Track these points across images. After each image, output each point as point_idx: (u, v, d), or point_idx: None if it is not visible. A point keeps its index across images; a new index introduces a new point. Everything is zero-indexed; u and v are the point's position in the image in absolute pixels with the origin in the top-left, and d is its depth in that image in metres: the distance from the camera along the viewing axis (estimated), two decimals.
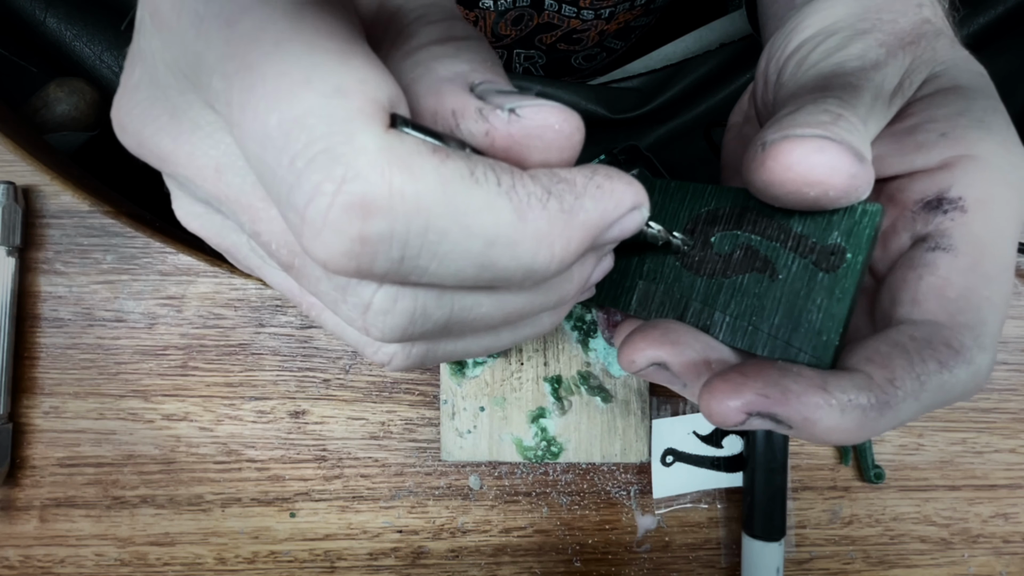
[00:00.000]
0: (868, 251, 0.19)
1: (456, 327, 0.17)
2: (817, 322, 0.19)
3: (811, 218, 0.20)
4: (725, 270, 0.21)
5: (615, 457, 0.32)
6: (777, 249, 0.20)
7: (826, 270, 0.19)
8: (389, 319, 0.16)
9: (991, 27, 0.47)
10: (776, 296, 0.20)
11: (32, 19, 0.47)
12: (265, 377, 0.34)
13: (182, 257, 0.34)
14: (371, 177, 0.13)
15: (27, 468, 0.34)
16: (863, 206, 0.19)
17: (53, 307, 0.34)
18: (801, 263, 0.20)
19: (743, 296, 0.21)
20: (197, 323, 0.34)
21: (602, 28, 0.49)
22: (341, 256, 0.14)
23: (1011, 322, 0.37)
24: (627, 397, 0.31)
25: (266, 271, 0.19)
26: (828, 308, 0.19)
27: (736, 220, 0.21)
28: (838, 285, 0.19)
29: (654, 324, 0.22)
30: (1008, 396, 0.37)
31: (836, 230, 0.19)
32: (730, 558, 0.36)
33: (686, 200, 0.23)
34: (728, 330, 0.21)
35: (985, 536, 0.37)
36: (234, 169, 0.16)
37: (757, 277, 0.21)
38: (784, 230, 0.20)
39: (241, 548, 0.35)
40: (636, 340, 0.21)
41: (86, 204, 0.34)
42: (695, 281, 0.22)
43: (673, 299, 0.22)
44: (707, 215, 0.22)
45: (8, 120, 0.35)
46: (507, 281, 0.15)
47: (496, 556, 0.35)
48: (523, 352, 0.31)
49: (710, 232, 0.22)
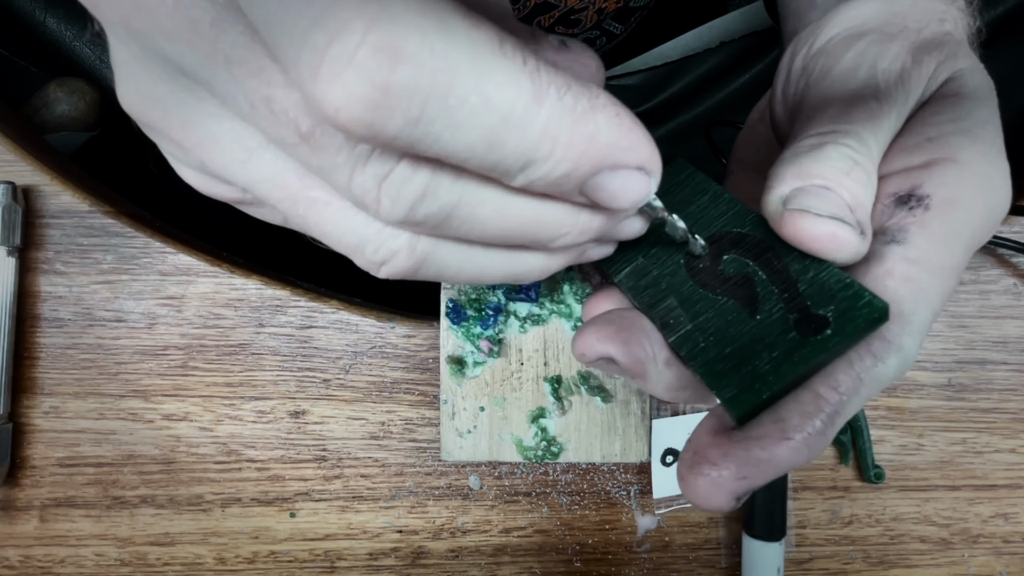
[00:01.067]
0: (849, 339, 0.19)
1: (458, 223, 0.17)
2: (759, 370, 0.19)
3: (820, 284, 0.20)
4: (716, 287, 0.22)
5: (615, 457, 0.32)
6: (772, 293, 0.20)
7: (801, 332, 0.19)
8: (406, 188, 0.16)
9: (991, 27, 0.47)
10: (742, 331, 0.20)
11: (32, 19, 0.47)
12: (265, 377, 0.34)
13: (182, 257, 0.34)
14: (407, 20, 0.12)
15: (27, 468, 0.34)
16: (872, 298, 0.19)
17: (53, 307, 0.34)
18: (782, 315, 0.20)
19: (716, 316, 0.21)
20: (197, 323, 0.34)
21: (600, 6, 0.49)
22: (359, 105, 0.13)
23: (1011, 322, 0.37)
24: (627, 397, 0.31)
25: (253, 165, 0.17)
26: (777, 366, 0.19)
27: (755, 252, 0.22)
28: (800, 351, 0.19)
29: (609, 319, 0.22)
30: (1008, 396, 0.37)
31: (833, 304, 0.19)
32: (730, 558, 0.36)
33: (727, 215, 0.23)
34: (683, 336, 0.21)
35: (985, 536, 0.37)
36: (230, 21, 0.15)
37: (737, 307, 0.21)
38: (789, 282, 0.20)
39: (241, 548, 0.35)
40: (589, 334, 0.22)
41: (86, 204, 0.34)
42: (686, 282, 0.22)
43: (658, 288, 0.23)
44: (735, 236, 0.22)
45: (8, 120, 0.35)
46: (507, 171, 0.15)
47: (496, 556, 0.35)
48: (523, 352, 0.31)
49: (727, 251, 0.22)
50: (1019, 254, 0.36)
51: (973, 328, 0.37)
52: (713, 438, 0.19)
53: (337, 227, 0.18)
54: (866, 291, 0.19)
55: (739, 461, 0.18)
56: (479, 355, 0.31)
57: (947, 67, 0.24)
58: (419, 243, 0.18)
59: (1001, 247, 0.36)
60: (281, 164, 0.17)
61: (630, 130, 0.16)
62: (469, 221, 0.17)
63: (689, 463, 0.19)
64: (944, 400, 0.36)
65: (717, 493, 0.18)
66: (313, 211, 0.18)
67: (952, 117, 0.23)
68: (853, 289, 0.19)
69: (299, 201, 0.17)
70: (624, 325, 0.22)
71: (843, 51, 0.24)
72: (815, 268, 0.20)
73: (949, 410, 0.37)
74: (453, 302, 0.30)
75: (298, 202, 0.17)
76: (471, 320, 0.30)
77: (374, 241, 0.18)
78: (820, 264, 0.20)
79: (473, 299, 0.31)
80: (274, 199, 0.18)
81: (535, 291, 0.31)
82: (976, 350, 0.37)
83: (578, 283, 0.31)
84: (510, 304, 0.31)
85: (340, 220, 0.17)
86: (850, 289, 0.19)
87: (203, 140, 0.17)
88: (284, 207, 0.18)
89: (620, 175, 0.17)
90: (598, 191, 0.17)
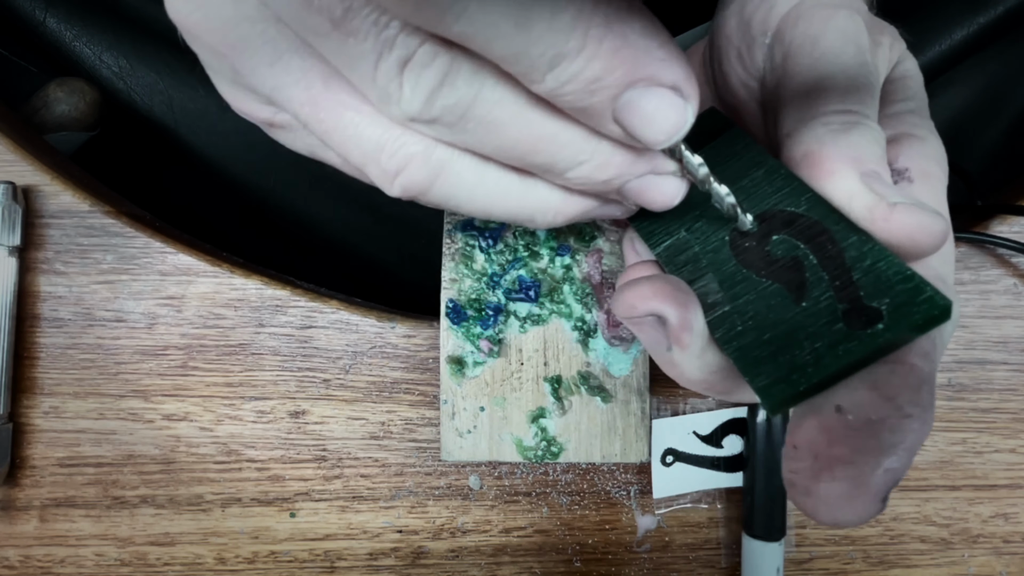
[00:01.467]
0: (902, 336, 0.17)
1: (474, 125, 0.17)
2: (798, 360, 0.18)
3: (877, 273, 0.18)
4: (761, 269, 0.20)
5: (615, 457, 0.32)
6: (822, 280, 0.19)
7: (849, 324, 0.18)
8: (427, 73, 0.16)
9: (991, 27, 0.47)
10: (784, 317, 0.19)
11: (32, 19, 0.47)
12: (265, 377, 0.34)
13: (182, 257, 0.34)
14: None
15: (27, 468, 0.34)
16: (934, 294, 0.17)
17: (53, 307, 0.34)
18: (831, 303, 0.18)
19: (757, 299, 0.19)
20: (197, 323, 0.34)
21: None
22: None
23: (1011, 322, 0.37)
24: (627, 397, 0.31)
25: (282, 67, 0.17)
26: (819, 358, 0.17)
27: (808, 235, 0.20)
28: (846, 344, 0.17)
29: (665, 278, 0.21)
30: (1008, 396, 0.37)
31: (889, 297, 0.17)
32: (730, 558, 0.36)
33: (782, 192, 0.21)
34: (719, 317, 0.20)
35: (985, 536, 0.37)
36: None
37: (782, 292, 0.19)
38: (842, 269, 0.19)
39: (241, 548, 0.35)
40: (644, 287, 0.20)
41: (86, 204, 0.34)
42: (729, 261, 0.21)
43: (698, 264, 0.21)
44: (788, 215, 0.20)
45: (8, 120, 0.35)
46: (533, 65, 0.15)
47: (496, 556, 0.35)
48: (523, 352, 0.31)
49: (778, 230, 0.20)
50: (1019, 254, 0.36)
51: (973, 328, 0.37)
52: (830, 435, 0.17)
53: (356, 131, 0.18)
54: (928, 286, 0.17)
55: (875, 451, 0.16)
56: (479, 355, 0.31)
57: (895, 49, 0.25)
58: (435, 151, 0.18)
59: (1001, 247, 0.36)
60: (308, 66, 0.17)
61: (665, 42, 0.15)
62: (486, 124, 0.17)
63: (812, 472, 0.16)
64: (944, 400, 0.36)
65: (863, 496, 0.16)
66: (333, 115, 0.18)
67: (904, 96, 0.23)
68: (914, 282, 0.17)
69: (321, 104, 0.18)
70: (681, 287, 0.21)
71: (824, 20, 0.23)
72: (873, 256, 0.18)
73: (949, 410, 0.37)
74: (453, 302, 0.30)
75: (320, 105, 0.18)
76: (471, 320, 0.30)
77: (391, 146, 0.18)
78: (880, 252, 0.18)
79: (473, 299, 0.31)
80: (296, 104, 0.18)
81: (535, 291, 0.31)
82: (976, 350, 0.37)
83: (578, 283, 0.31)
84: (510, 304, 0.31)
85: (359, 124, 0.18)
86: (910, 282, 0.17)
87: (236, 43, 0.17)
88: (306, 112, 0.18)
89: (655, 94, 0.16)
90: (629, 112, 0.16)
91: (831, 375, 0.17)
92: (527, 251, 0.31)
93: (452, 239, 0.31)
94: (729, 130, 0.24)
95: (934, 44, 0.46)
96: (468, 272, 0.31)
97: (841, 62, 0.23)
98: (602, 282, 0.31)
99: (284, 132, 0.21)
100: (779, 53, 0.24)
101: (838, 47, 0.23)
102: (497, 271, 0.31)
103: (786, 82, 0.24)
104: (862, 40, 0.23)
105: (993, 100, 0.47)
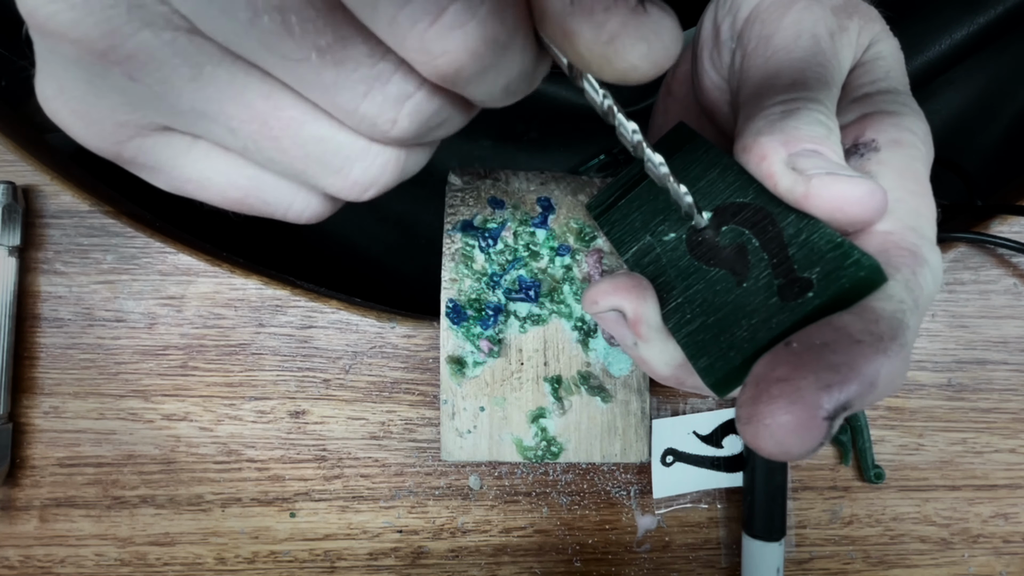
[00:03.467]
0: (832, 300, 0.17)
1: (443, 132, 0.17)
2: (736, 338, 0.18)
3: (810, 246, 0.19)
4: (710, 259, 0.21)
5: (615, 457, 0.32)
6: (763, 260, 0.20)
7: (782, 297, 0.18)
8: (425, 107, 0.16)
9: (991, 27, 0.47)
10: (727, 300, 0.20)
11: None
12: (265, 377, 0.34)
13: (182, 257, 0.34)
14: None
15: (27, 468, 0.34)
16: (860, 256, 0.17)
17: (53, 307, 0.34)
18: (768, 280, 0.19)
19: (705, 287, 0.21)
20: (197, 323, 0.34)
21: None
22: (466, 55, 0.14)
23: (1011, 322, 0.37)
24: (627, 397, 0.31)
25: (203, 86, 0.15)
26: (754, 332, 0.18)
27: (752, 220, 0.21)
28: (779, 316, 0.18)
29: (627, 274, 0.22)
30: (1008, 396, 0.37)
31: (820, 266, 0.18)
32: (730, 558, 0.36)
33: (733, 186, 0.22)
34: (671, 309, 0.21)
35: (985, 536, 0.37)
36: None
37: (727, 276, 0.20)
38: (780, 247, 0.19)
39: (241, 548, 0.35)
40: (605, 284, 0.22)
41: (86, 204, 0.34)
42: (683, 257, 0.22)
43: (659, 264, 0.23)
44: (736, 206, 0.22)
45: (8, 120, 0.35)
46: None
47: (496, 556, 0.35)
48: (523, 352, 0.31)
49: (727, 221, 0.21)
50: (1019, 254, 0.36)
51: (973, 328, 0.37)
52: (774, 361, 0.16)
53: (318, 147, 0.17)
54: (856, 250, 0.18)
55: (814, 367, 0.15)
56: (479, 355, 0.31)
57: (867, 32, 0.24)
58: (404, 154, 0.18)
59: (1001, 247, 0.36)
60: (243, 82, 0.16)
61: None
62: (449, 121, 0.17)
63: (753, 396, 0.16)
64: (944, 400, 0.36)
65: (803, 417, 0.15)
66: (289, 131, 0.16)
67: (873, 79, 0.23)
68: (842, 249, 0.18)
69: (270, 123, 0.16)
70: (640, 283, 0.22)
71: (778, 18, 0.24)
72: (808, 230, 0.19)
73: (949, 410, 0.37)
74: (453, 302, 0.30)
75: (269, 124, 0.16)
76: (471, 320, 0.30)
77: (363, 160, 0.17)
78: (814, 226, 0.19)
79: (473, 299, 0.31)
80: (236, 121, 0.16)
81: (535, 291, 0.31)
82: (976, 350, 0.37)
83: (578, 283, 0.31)
84: (510, 304, 0.31)
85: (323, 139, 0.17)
86: (839, 249, 0.18)
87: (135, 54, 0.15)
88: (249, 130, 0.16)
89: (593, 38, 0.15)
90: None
91: (763, 347, 0.18)
92: (527, 251, 0.31)
93: (452, 239, 0.31)
94: (693, 140, 0.25)
95: (934, 44, 0.46)
96: (468, 272, 0.31)
97: (792, 56, 0.23)
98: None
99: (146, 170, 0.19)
100: (739, 56, 0.25)
101: (789, 42, 0.23)
102: (497, 271, 0.31)
103: (744, 84, 0.24)
104: (818, 29, 0.23)
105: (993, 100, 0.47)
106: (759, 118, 0.21)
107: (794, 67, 0.23)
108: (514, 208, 0.31)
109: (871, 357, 0.16)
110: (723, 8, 0.26)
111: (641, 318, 0.21)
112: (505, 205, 0.31)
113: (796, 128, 0.20)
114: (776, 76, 0.23)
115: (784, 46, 0.23)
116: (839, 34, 0.24)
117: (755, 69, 0.24)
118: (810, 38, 0.23)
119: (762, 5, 0.25)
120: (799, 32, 0.23)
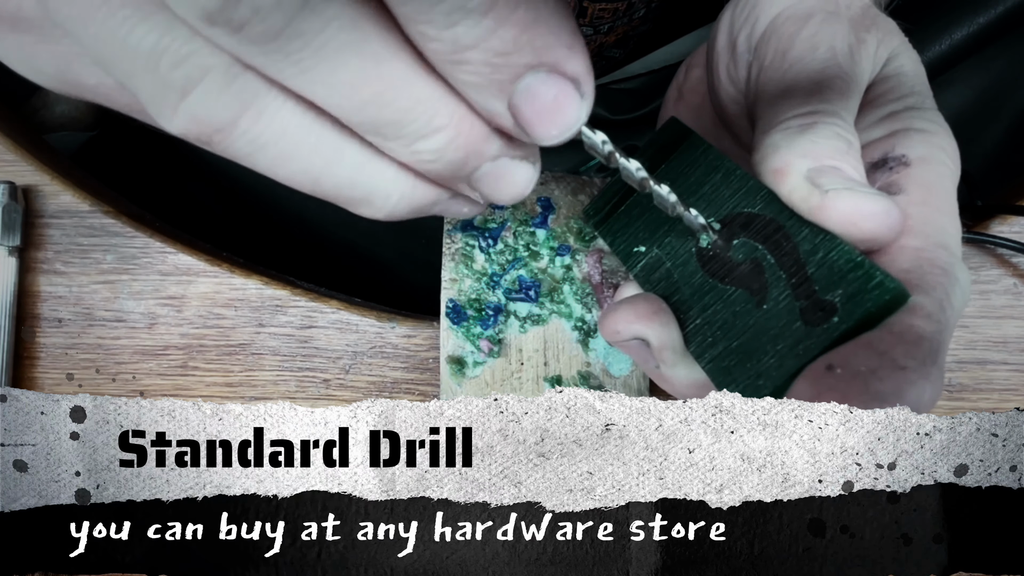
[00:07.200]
0: (858, 325, 0.17)
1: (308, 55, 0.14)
2: (764, 366, 0.18)
3: (829, 265, 0.18)
4: (724, 276, 0.21)
5: None
6: (780, 279, 0.19)
7: (806, 321, 0.18)
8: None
9: (991, 27, 0.47)
10: (749, 323, 0.19)
11: None
12: (265, 377, 0.34)
13: (182, 257, 0.34)
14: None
15: None
16: (883, 279, 0.17)
17: (53, 307, 0.34)
18: (790, 302, 0.19)
19: (724, 307, 0.20)
20: (197, 323, 0.34)
21: (601, 41, 0.49)
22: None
23: (1011, 322, 0.37)
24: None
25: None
26: (782, 359, 0.18)
27: (765, 233, 0.20)
28: (805, 342, 0.18)
29: (646, 298, 0.22)
30: (1008, 396, 0.37)
31: (842, 288, 0.18)
32: None
33: (739, 193, 0.21)
34: (692, 331, 0.21)
35: None
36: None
37: (746, 296, 0.20)
38: (798, 265, 0.19)
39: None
40: (626, 311, 0.21)
41: (86, 204, 0.34)
42: (696, 273, 0.21)
43: (670, 280, 0.22)
44: (746, 217, 0.21)
45: (8, 120, 0.35)
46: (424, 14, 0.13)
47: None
48: (523, 352, 0.31)
49: (738, 234, 0.21)
50: (1019, 254, 0.36)
51: (973, 328, 0.37)
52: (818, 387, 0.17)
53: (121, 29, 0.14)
54: (878, 271, 0.17)
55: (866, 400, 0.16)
56: (479, 355, 0.31)
57: (886, 45, 0.24)
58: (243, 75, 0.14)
59: (1001, 247, 0.36)
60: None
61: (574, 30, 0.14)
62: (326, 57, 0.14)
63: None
64: (944, 400, 0.36)
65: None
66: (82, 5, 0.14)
67: (900, 95, 0.24)
68: (863, 269, 0.17)
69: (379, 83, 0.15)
70: (660, 307, 0.21)
71: (795, 32, 0.24)
72: (825, 247, 0.19)
73: (949, 410, 0.37)
74: (453, 302, 0.30)
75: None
76: (471, 320, 0.30)
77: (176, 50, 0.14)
78: (831, 243, 0.18)
79: (473, 299, 0.31)
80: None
81: (535, 291, 0.31)
82: (976, 350, 0.37)
83: (578, 283, 0.31)
84: (510, 304, 0.31)
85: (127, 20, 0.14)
86: (860, 269, 0.17)
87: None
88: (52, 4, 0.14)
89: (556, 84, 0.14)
90: (527, 98, 0.14)
91: (793, 376, 0.18)
92: (527, 251, 0.31)
93: (452, 239, 0.31)
94: (689, 138, 0.24)
95: (934, 44, 0.46)
96: (468, 272, 0.31)
97: (808, 69, 0.23)
98: (602, 282, 0.31)
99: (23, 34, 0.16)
100: (756, 68, 0.25)
101: (806, 55, 0.23)
102: (497, 271, 0.31)
103: (761, 96, 0.24)
104: (837, 42, 0.23)
105: (993, 100, 0.47)
106: (777, 131, 0.21)
107: (812, 80, 0.23)
108: (514, 208, 0.31)
109: (916, 383, 0.16)
110: (739, 20, 0.26)
111: (666, 345, 0.21)
112: (505, 205, 0.31)
113: (815, 143, 0.20)
114: (794, 89, 0.23)
115: (802, 59, 0.23)
116: (857, 47, 0.24)
117: (773, 82, 0.24)
118: (828, 51, 0.23)
119: (780, 18, 0.24)
120: (817, 45, 0.23)
